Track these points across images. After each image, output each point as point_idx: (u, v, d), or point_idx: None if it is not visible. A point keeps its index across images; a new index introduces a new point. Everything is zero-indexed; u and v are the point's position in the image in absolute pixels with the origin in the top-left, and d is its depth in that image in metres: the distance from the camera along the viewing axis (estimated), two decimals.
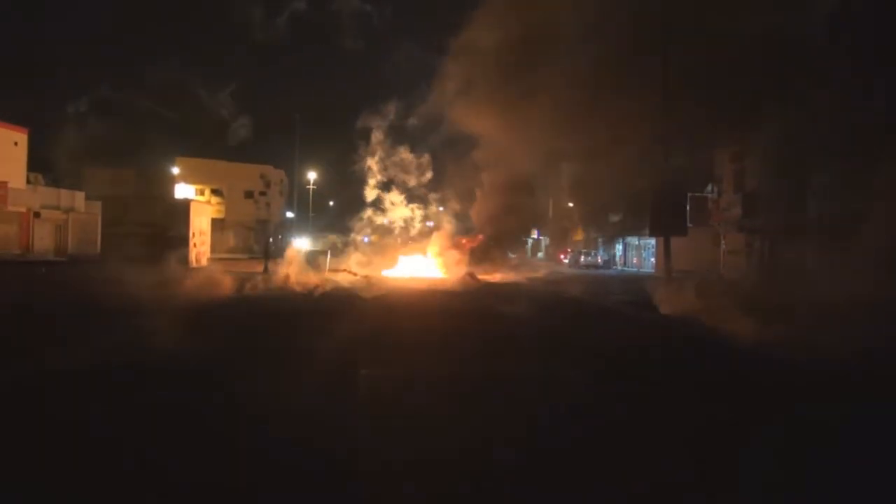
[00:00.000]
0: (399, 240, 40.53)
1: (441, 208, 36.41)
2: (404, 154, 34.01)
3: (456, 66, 29.73)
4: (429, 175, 34.13)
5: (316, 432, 4.98)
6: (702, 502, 3.99)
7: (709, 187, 32.46)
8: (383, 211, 35.44)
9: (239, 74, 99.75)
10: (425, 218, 35.31)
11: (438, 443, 4.82)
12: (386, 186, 34.61)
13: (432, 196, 35.11)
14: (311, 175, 63.86)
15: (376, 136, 33.54)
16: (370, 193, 35.22)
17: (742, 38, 18.97)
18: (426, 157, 34.07)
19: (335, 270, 27.93)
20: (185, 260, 25.80)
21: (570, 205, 49.08)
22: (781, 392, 7.02)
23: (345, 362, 7.69)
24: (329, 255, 31.05)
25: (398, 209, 35.04)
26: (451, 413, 5.71)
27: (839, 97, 18.02)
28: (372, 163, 34.05)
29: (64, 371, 6.92)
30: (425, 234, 35.77)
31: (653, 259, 40.00)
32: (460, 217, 36.50)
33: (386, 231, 36.15)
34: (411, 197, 35.02)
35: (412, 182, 34.10)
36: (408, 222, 35.41)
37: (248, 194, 61.07)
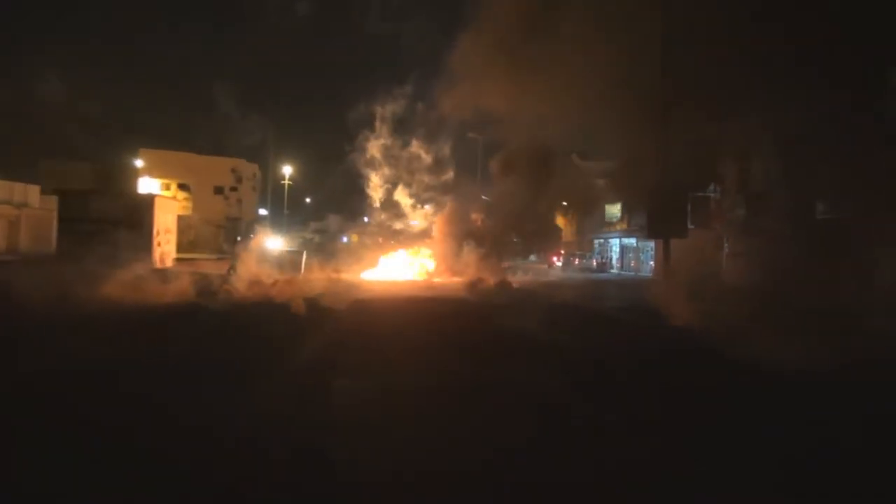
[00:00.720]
0: (381, 240, 40.08)
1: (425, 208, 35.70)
2: (416, 147, 32.39)
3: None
4: (449, 174, 32.49)
5: None
6: None
7: (711, 187, 32.34)
8: (398, 214, 33.66)
9: (209, 61, 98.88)
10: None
11: None
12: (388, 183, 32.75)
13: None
14: (287, 170, 63.20)
15: (381, 121, 31.73)
16: (375, 192, 33.32)
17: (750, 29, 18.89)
18: (441, 151, 32.28)
19: (336, 271, 27.56)
20: (148, 260, 25.18)
21: (564, 203, 48.89)
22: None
23: None
24: (305, 256, 30.56)
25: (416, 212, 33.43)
26: None
27: (854, 93, 17.93)
28: (375, 152, 32.20)
29: None
30: (413, 235, 35.31)
31: (651, 262, 39.88)
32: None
33: (408, 235, 34.68)
34: (420, 198, 33.41)
35: (423, 180, 32.38)
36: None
37: (218, 190, 60.16)
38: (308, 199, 78.34)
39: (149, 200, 28.94)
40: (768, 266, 25.30)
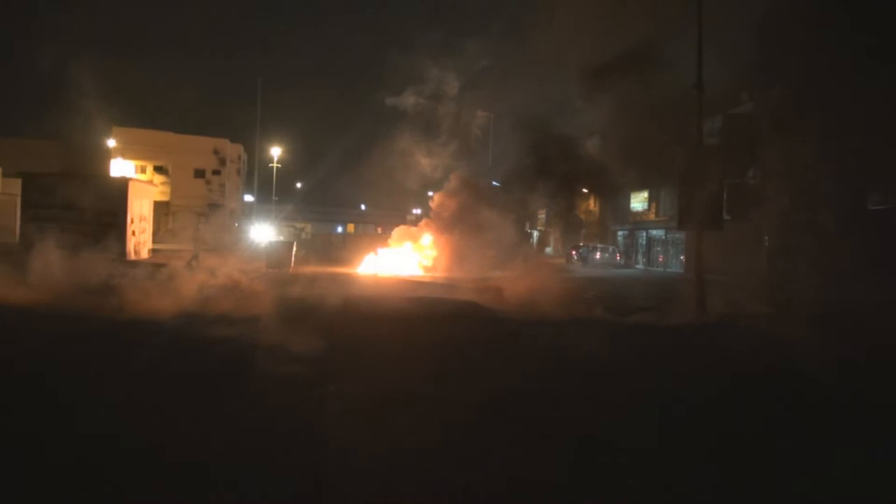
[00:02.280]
0: (379, 230, 40.05)
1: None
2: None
3: None
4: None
5: None
6: None
7: (750, 173, 32.21)
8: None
9: (189, 30, 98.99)
10: None
11: None
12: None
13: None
14: (275, 151, 63.21)
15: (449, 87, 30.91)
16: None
17: None
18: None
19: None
20: (121, 251, 25.27)
21: (584, 190, 48.80)
22: None
23: None
24: (295, 248, 30.63)
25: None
26: None
27: None
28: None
29: None
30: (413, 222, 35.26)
31: (682, 257, 39.81)
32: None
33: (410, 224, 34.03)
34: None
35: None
36: None
37: (199, 173, 60.16)
38: (299, 185, 78.53)
39: (122, 185, 29.01)
40: (816, 265, 25.25)
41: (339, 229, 71.39)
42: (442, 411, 7.00)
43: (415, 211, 37.41)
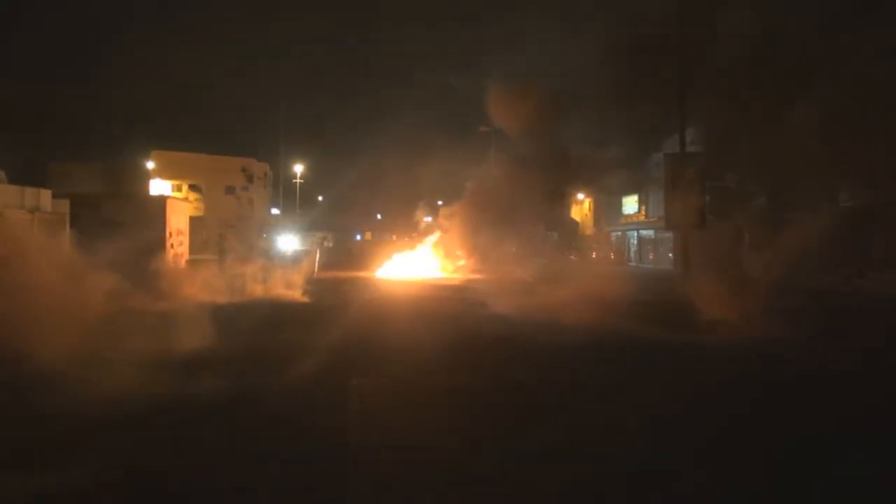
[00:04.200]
0: (394, 237, 40.13)
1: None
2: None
3: None
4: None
5: None
6: None
7: (730, 176, 32.21)
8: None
9: (219, 56, 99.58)
10: None
11: None
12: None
13: None
14: (298, 168, 63.70)
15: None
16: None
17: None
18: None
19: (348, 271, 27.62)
20: (161, 263, 25.52)
21: (581, 196, 48.89)
22: None
23: None
24: (318, 255, 30.87)
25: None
26: None
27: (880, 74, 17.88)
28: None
29: None
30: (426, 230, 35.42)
31: (670, 255, 39.80)
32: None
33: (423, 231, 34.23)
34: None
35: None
36: None
37: (230, 190, 60.66)
38: (320, 198, 78.91)
39: (161, 202, 29.33)
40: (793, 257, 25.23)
41: (358, 237, 71.57)
42: None
43: (426, 219, 37.47)
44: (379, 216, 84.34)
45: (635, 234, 48.38)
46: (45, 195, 37.46)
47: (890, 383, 8.50)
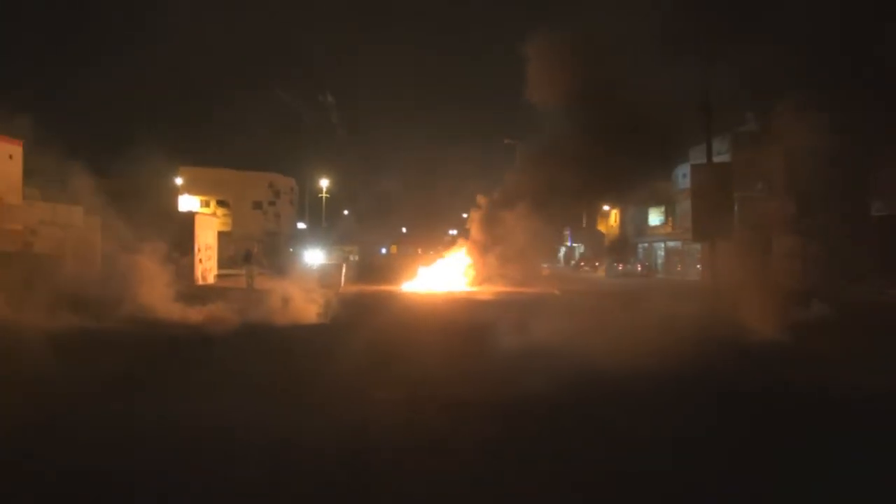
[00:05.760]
0: (419, 250, 40.35)
1: None
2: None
3: None
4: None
5: None
6: None
7: (758, 186, 32.03)
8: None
9: (245, 75, 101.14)
10: None
11: None
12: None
13: None
14: (324, 182, 64.35)
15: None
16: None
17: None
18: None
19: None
20: (190, 277, 26.10)
21: (606, 207, 48.83)
22: None
23: None
24: (344, 270, 31.19)
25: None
26: None
27: None
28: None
29: None
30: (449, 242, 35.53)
31: (698, 266, 39.60)
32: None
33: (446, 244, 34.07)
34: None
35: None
36: None
37: (257, 205, 61.61)
38: (346, 212, 79.60)
39: (189, 218, 29.95)
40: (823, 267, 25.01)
41: (383, 251, 72.03)
42: None
43: (451, 232, 37.68)
44: (404, 230, 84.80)
45: (662, 245, 48.20)
46: (78, 211, 38.44)
47: None
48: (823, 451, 6.06)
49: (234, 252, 50.20)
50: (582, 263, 56.11)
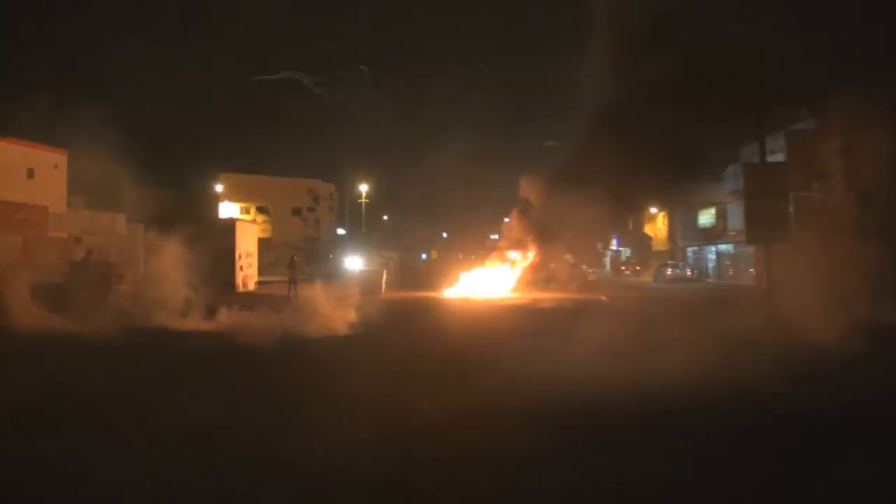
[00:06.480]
0: (460, 255, 39.95)
1: None
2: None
3: None
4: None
5: None
6: None
7: (815, 186, 30.94)
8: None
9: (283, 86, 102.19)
10: None
11: None
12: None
13: None
14: (363, 188, 64.44)
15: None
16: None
17: None
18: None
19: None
20: (232, 284, 26.11)
21: (653, 210, 47.85)
22: None
23: None
24: (385, 275, 30.94)
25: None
26: None
27: None
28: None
29: None
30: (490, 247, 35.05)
31: (752, 269, 38.46)
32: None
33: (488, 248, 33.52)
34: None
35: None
36: None
37: (296, 211, 62.02)
38: (385, 217, 79.68)
39: (230, 225, 30.05)
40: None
41: (424, 256, 71.90)
42: None
43: (493, 237, 37.25)
44: (444, 234, 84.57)
45: (713, 248, 47.00)
46: (121, 219, 39.05)
47: None
48: None
49: (273, 259, 50.56)
50: (623, 268, 55.20)
